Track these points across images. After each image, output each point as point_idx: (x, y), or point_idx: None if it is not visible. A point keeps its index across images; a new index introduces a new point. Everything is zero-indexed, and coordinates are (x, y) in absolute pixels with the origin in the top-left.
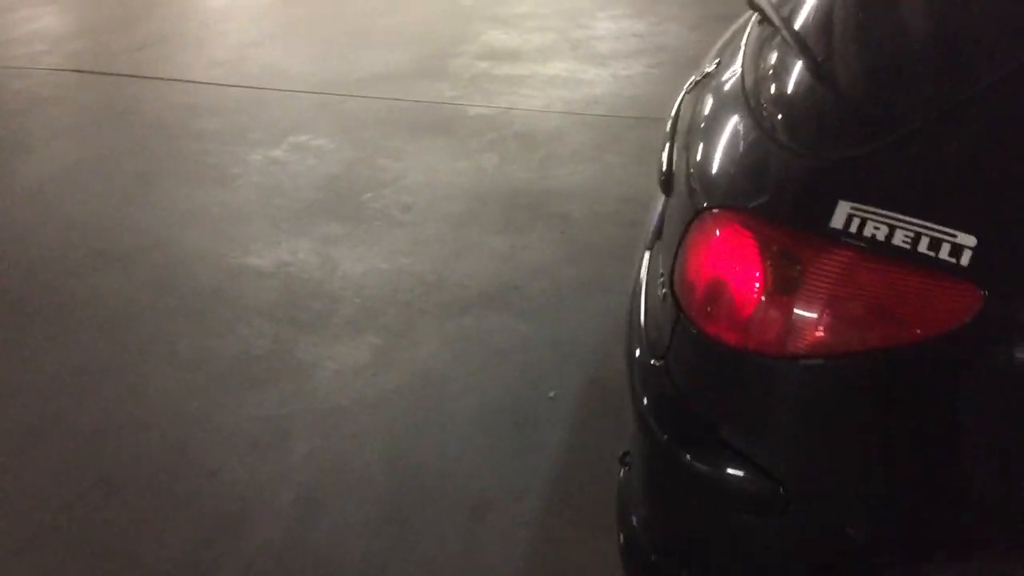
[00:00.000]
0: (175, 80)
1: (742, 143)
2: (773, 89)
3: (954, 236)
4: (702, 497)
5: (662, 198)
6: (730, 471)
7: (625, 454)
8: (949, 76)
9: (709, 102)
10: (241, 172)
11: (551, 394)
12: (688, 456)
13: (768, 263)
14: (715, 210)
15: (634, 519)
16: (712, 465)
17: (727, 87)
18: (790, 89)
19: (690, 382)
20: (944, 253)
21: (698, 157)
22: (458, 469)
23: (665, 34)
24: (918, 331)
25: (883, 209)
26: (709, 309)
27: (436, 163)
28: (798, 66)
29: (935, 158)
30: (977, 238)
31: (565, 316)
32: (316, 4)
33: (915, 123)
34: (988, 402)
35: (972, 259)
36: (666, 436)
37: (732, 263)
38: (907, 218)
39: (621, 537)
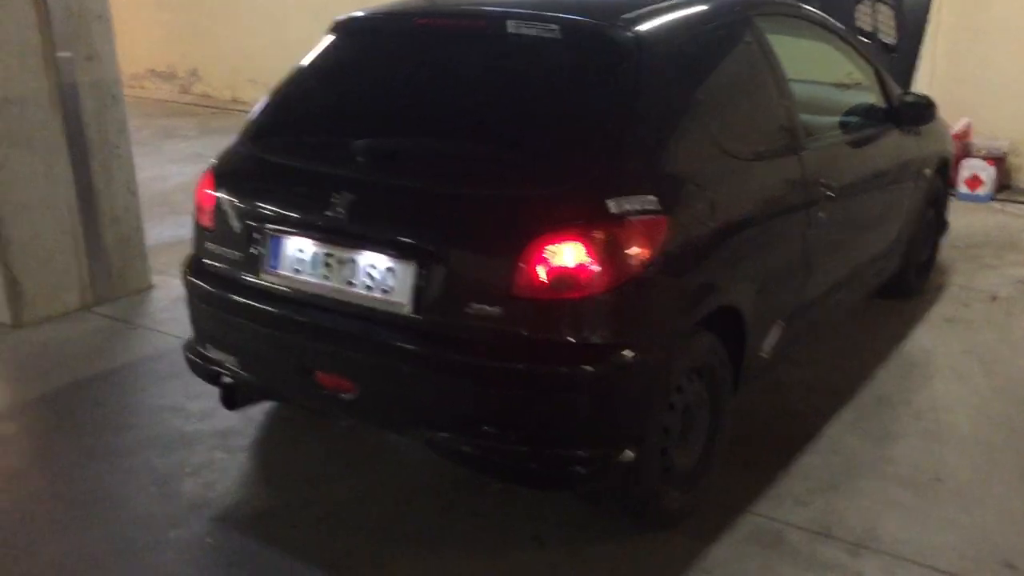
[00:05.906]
0: None
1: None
2: None
3: (652, 198)
4: None
5: None
6: None
7: None
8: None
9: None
10: None
11: None
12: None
13: (598, 244)
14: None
15: None
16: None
17: None
18: None
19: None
20: (651, 206)
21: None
22: None
23: None
24: (668, 233)
25: (624, 195)
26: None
27: None
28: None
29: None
30: (659, 195)
31: None
32: None
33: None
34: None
35: (658, 204)
36: None
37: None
38: (636, 196)
39: None
